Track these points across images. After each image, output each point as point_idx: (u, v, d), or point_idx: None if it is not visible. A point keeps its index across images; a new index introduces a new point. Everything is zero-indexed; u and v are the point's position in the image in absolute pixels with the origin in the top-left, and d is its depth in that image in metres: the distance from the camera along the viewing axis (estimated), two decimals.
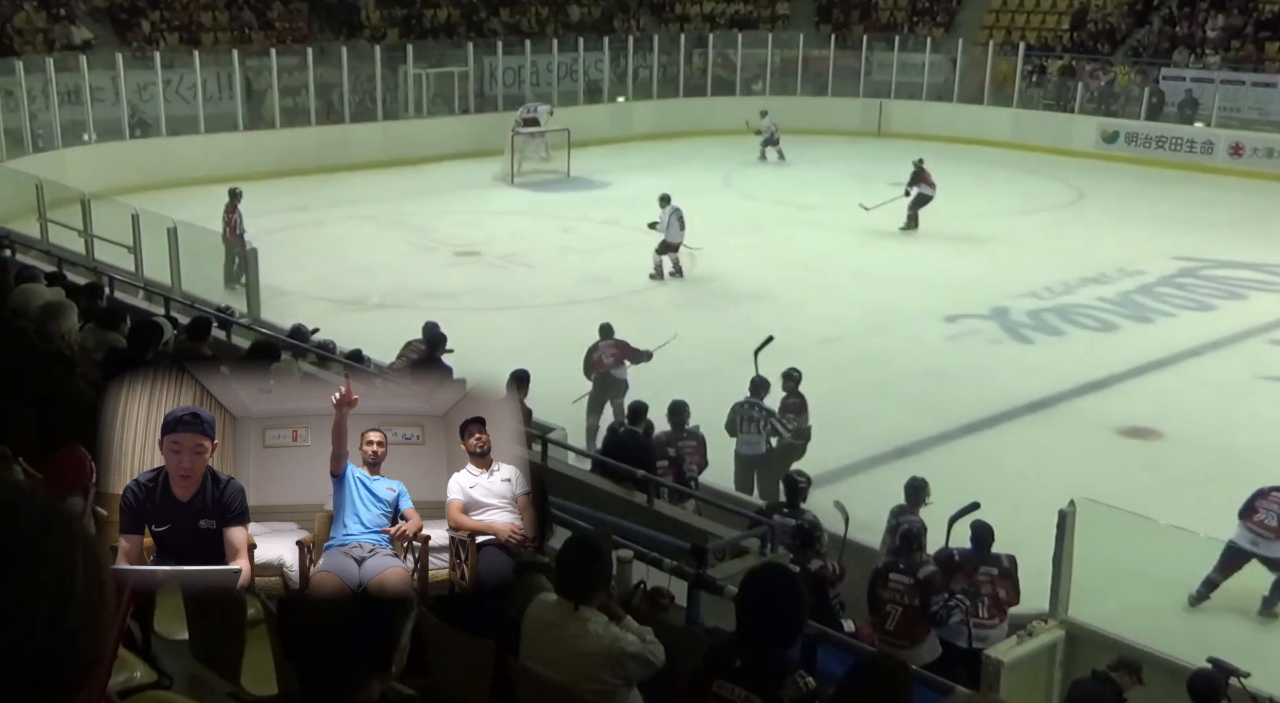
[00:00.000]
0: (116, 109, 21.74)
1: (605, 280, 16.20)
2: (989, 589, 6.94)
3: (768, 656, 3.41)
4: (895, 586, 6.93)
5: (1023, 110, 27.42)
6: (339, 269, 16.55)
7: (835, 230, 19.32)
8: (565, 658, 3.57)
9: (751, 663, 3.41)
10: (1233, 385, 12.69)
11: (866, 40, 29.47)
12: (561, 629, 3.60)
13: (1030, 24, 30.13)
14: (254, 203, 19.81)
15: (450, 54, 26.38)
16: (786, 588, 3.54)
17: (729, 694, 3.40)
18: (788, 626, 3.48)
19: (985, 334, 14.24)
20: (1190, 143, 25.42)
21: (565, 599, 3.63)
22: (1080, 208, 21.75)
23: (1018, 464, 10.51)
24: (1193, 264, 17.47)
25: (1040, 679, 6.52)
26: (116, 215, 14.00)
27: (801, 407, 9.90)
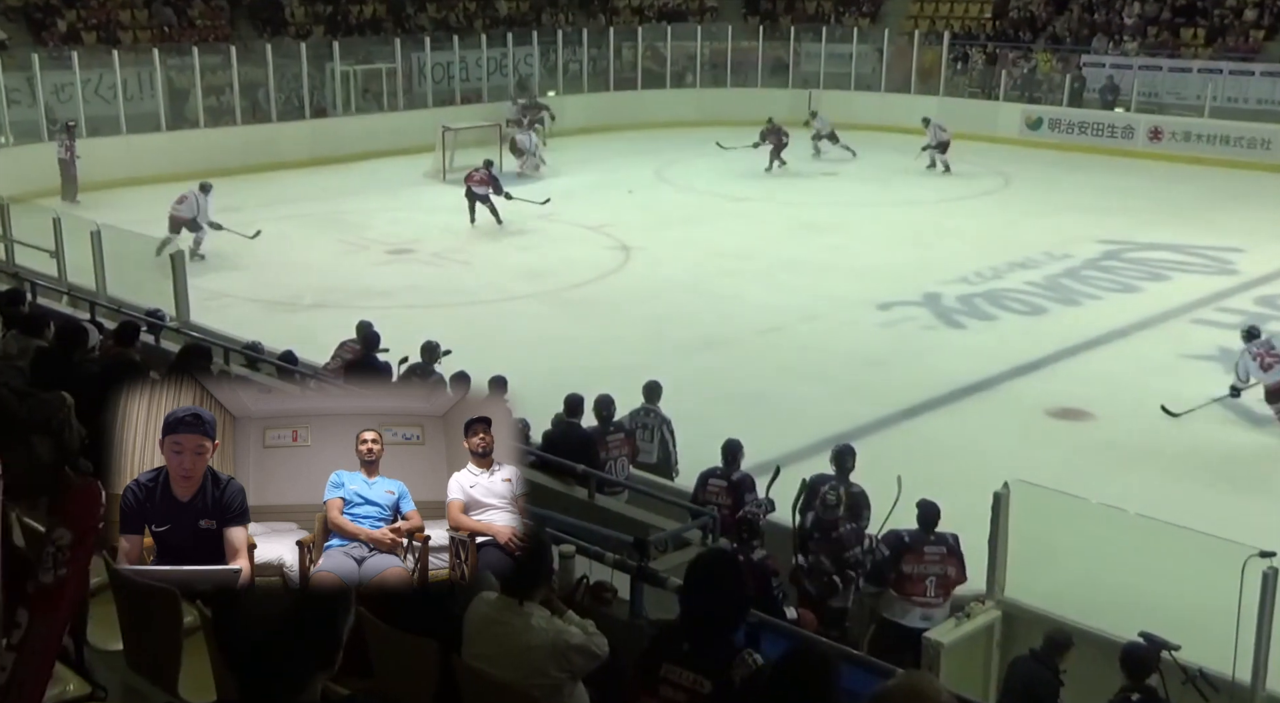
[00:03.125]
0: (34, 111, 21.23)
1: (542, 275, 16.16)
2: (938, 568, 7.04)
3: (715, 640, 3.44)
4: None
5: (948, 98, 27.79)
6: (271, 270, 16.31)
7: (768, 222, 19.46)
8: (509, 653, 3.56)
9: (698, 647, 3.43)
10: (1158, 365, 12.98)
11: (794, 31, 29.71)
12: (504, 625, 3.59)
13: (954, 13, 30.57)
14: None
15: (377, 51, 26.12)
16: (730, 573, 3.57)
17: (677, 678, 3.42)
18: (733, 610, 3.51)
19: (918, 321, 14.43)
20: (1111, 128, 25.95)
21: (508, 595, 3.63)
22: (1006, 194, 22.11)
23: (953, 447, 10.66)
24: (1116, 247, 17.85)
25: (979, 660, 6.63)
26: (37, 219, 13.67)
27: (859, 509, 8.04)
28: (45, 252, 13.06)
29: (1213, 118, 24.85)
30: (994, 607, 6.70)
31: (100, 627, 4.09)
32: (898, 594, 7.09)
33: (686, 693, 3.41)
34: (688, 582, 3.56)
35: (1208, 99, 25.04)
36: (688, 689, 3.41)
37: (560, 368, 11.38)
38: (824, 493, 7.45)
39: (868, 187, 22.39)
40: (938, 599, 7.03)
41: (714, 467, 8.13)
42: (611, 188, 21.78)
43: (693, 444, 9.18)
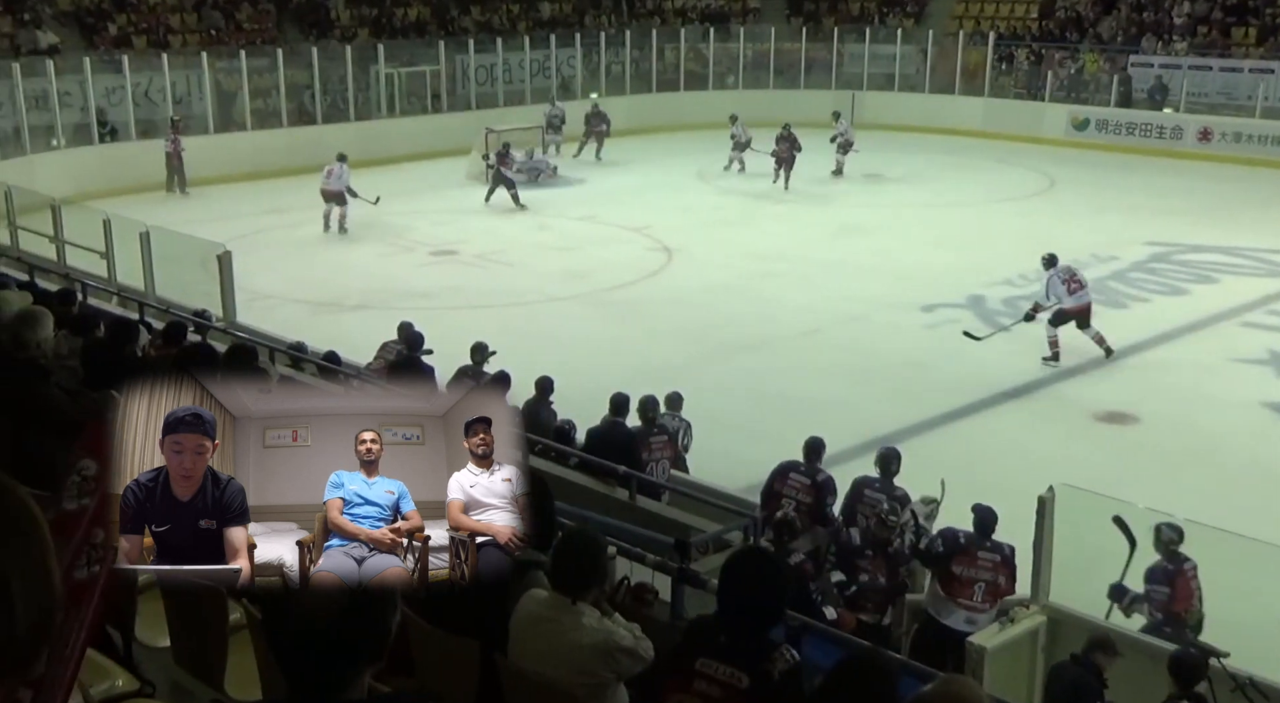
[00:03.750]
0: (85, 114, 21.57)
1: (584, 277, 16.19)
2: (989, 575, 6.98)
3: (751, 635, 3.40)
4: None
5: (994, 99, 27.56)
6: (315, 271, 16.47)
7: (810, 223, 19.39)
8: (557, 651, 3.54)
9: (735, 641, 3.39)
10: (1206, 368, 12.80)
11: (837, 32, 29.53)
12: (555, 623, 3.57)
13: (1000, 13, 30.28)
14: (228, 205, 19.79)
15: (421, 53, 26.28)
16: (767, 572, 3.53)
17: (713, 673, 3.37)
18: (770, 606, 3.47)
19: (962, 322, 14.30)
20: (1160, 129, 25.60)
21: (560, 594, 3.63)
22: (1052, 195, 21.88)
23: (997, 451, 10.56)
24: (1165, 249, 17.61)
25: (1023, 665, 6.56)
26: (88, 221, 13.89)
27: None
28: (96, 253, 13.27)
29: (1264, 118, 24.46)
30: (1039, 611, 6.63)
31: (149, 624, 4.14)
32: (944, 594, 7.03)
33: (722, 687, 3.36)
34: (724, 577, 3.52)
35: (1259, 99, 24.65)
36: (724, 684, 3.36)
37: (602, 369, 11.40)
38: (884, 515, 7.34)
39: (911, 188, 22.24)
40: (984, 605, 6.97)
41: (794, 460, 8.05)
42: (653, 189, 21.80)
43: (734, 447, 9.18)
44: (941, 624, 7.02)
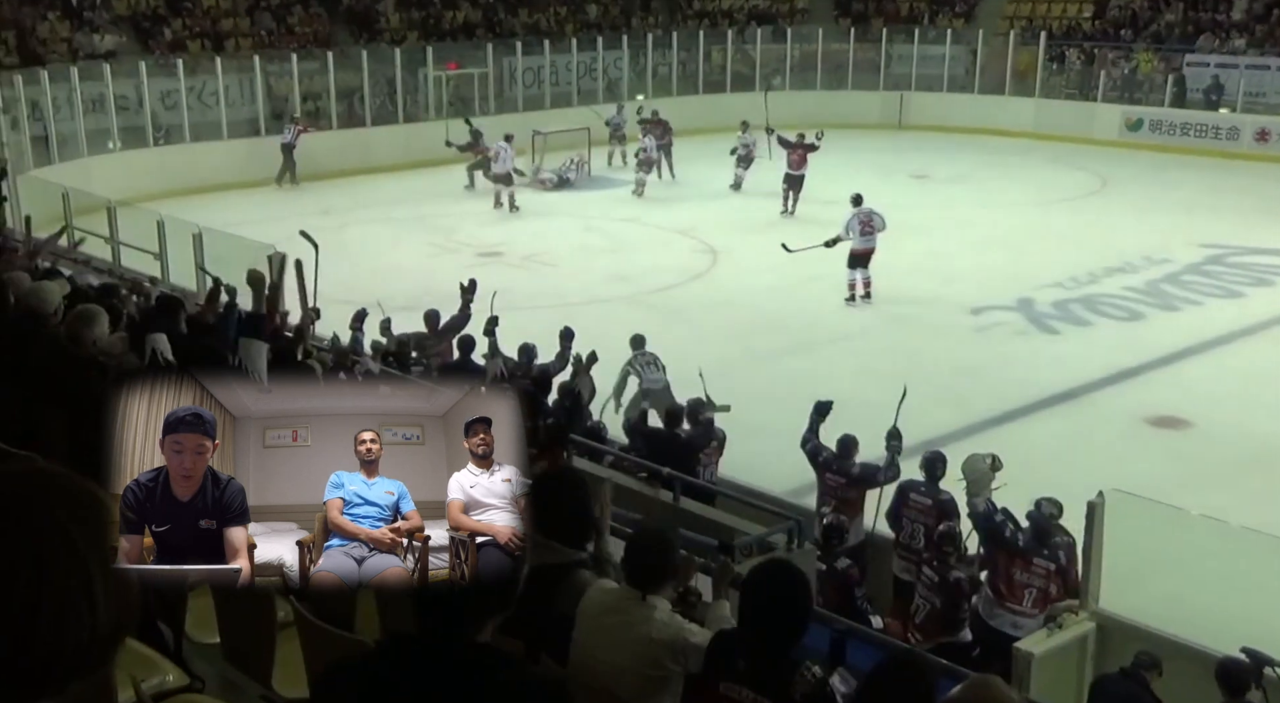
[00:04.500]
0: (140, 117, 21.92)
1: (629, 279, 16.20)
2: (1041, 582, 6.91)
3: (773, 654, 3.35)
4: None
5: (1045, 100, 27.25)
6: (362, 272, 16.58)
7: None
8: (625, 643, 3.52)
9: (757, 663, 3.35)
10: (1262, 373, 12.57)
11: (886, 33, 29.35)
12: (625, 615, 3.55)
13: (1051, 13, 29.93)
14: (276, 207, 20.01)
15: (469, 55, 26.45)
16: (790, 585, 3.46)
17: (737, 696, 3.35)
18: (793, 623, 3.41)
19: (1011, 326, 14.17)
20: (1215, 129, 25.19)
21: (632, 588, 3.60)
22: (1104, 196, 21.59)
23: (1046, 456, 10.43)
24: (1220, 251, 17.32)
25: (1071, 671, 6.48)
26: (142, 222, 14.11)
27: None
28: (150, 254, 13.48)
29: None
30: (1088, 618, 6.54)
31: (198, 620, 4.22)
32: (994, 596, 6.97)
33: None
34: (746, 593, 3.47)
35: None
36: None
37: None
38: (943, 532, 7.29)
39: (960, 189, 22.05)
40: (1033, 611, 6.89)
41: (915, 480, 7.98)
42: (699, 191, 21.75)
43: (779, 450, 9.12)
44: (986, 624, 6.95)
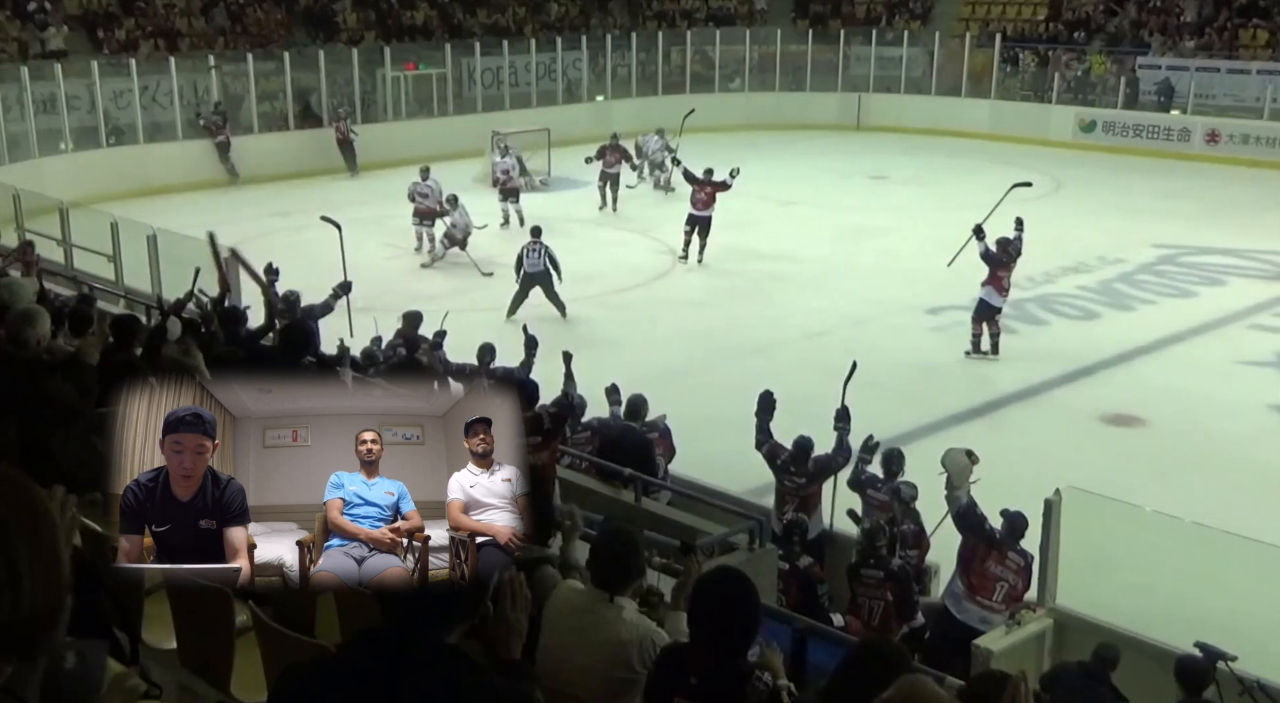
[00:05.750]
0: (92, 117, 21.62)
1: (590, 279, 16.17)
2: (1013, 578, 6.98)
3: (723, 665, 3.29)
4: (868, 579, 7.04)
5: (1000, 101, 27.52)
6: (320, 274, 16.40)
7: (817, 226, 19.38)
8: (594, 644, 3.50)
9: (707, 678, 3.28)
10: (1214, 371, 12.77)
11: (844, 34, 29.55)
12: (593, 615, 3.52)
13: (1006, 15, 30.26)
14: (234, 209, 19.81)
15: (428, 55, 26.32)
16: (740, 594, 3.39)
17: None
18: (742, 632, 3.35)
19: (968, 326, 14.27)
20: (1167, 131, 25.57)
21: (599, 589, 3.57)
22: (1059, 198, 21.82)
23: (1003, 454, 10.51)
24: (1172, 252, 17.57)
25: (1030, 668, 6.53)
26: (95, 224, 13.91)
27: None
28: (104, 256, 13.30)
29: (1272, 120, 24.42)
30: (1045, 615, 6.61)
31: (155, 626, 4.16)
32: (964, 589, 7.02)
33: None
34: (695, 604, 3.40)
35: (1267, 101, 24.60)
36: None
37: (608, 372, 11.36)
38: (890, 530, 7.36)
39: (917, 190, 22.23)
40: (1001, 607, 6.96)
41: (874, 475, 8.13)
42: (659, 191, 21.77)
43: (740, 450, 9.14)
44: (955, 619, 7.00)
